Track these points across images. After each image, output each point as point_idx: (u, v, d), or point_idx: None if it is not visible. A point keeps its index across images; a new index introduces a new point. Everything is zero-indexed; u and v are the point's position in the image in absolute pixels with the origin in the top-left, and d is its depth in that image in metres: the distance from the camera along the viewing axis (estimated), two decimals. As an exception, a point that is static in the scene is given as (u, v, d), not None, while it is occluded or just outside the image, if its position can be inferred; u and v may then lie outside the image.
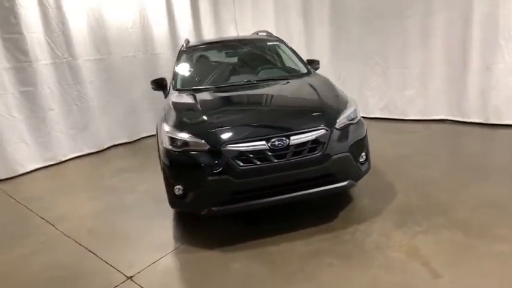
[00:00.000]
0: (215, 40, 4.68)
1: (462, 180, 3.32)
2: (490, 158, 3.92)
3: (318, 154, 2.57)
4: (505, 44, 4.36)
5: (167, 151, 2.68)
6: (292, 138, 2.53)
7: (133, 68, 6.09)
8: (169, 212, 3.32)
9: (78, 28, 5.36)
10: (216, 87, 3.45)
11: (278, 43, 4.26)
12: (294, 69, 3.86)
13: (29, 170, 5.01)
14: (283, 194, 2.58)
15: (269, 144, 2.49)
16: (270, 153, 2.50)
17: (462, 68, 4.78)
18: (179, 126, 2.72)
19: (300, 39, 6.21)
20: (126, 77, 6.02)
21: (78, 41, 5.37)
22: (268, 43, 4.27)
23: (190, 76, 3.82)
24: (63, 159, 5.37)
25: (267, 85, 3.45)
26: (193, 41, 4.48)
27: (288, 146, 2.51)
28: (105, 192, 4.11)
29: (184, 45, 4.22)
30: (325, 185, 2.65)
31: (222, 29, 7.41)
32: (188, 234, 2.94)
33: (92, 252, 2.84)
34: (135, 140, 6.24)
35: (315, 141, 2.58)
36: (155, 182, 4.11)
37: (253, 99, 3.26)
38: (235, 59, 4.11)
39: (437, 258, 2.29)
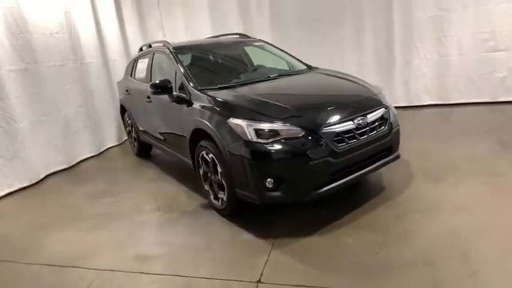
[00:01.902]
0: (204, 42, 4.45)
1: (440, 146, 4.16)
2: (436, 128, 5.01)
3: (385, 129, 2.93)
4: (419, 44, 5.70)
5: (253, 144, 2.55)
6: (368, 116, 2.81)
7: (63, 79, 5.16)
8: (219, 219, 3.09)
9: (-5, 31, 4.25)
10: (247, 83, 3.39)
11: (263, 43, 4.43)
12: (294, 65, 4.10)
13: None
14: (364, 168, 2.81)
15: (356, 124, 2.70)
16: (356, 132, 2.71)
17: (388, 64, 5.96)
18: (262, 117, 2.62)
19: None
20: (57, 90, 5.05)
21: (-4, 47, 4.25)
22: (255, 43, 4.38)
23: (205, 76, 3.60)
24: (-10, 199, 4.12)
25: (294, 78, 3.61)
26: (176, 43, 4.15)
27: (367, 124, 2.78)
28: (101, 220, 3.40)
29: (171, 48, 3.87)
30: (387, 156, 3.02)
31: (149, 36, 6.99)
32: (270, 230, 2.79)
33: (177, 275, 2.42)
34: (74, 165, 5.26)
35: (382, 118, 2.92)
36: (162, 199, 3.70)
37: (308, 88, 3.37)
38: (235, 58, 4.06)
39: (491, 194, 2.92)
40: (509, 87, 5.38)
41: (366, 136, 2.77)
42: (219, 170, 2.93)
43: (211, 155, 3.00)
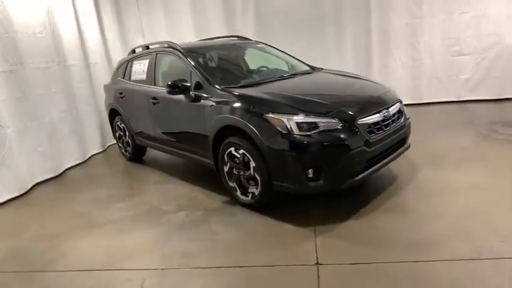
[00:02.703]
0: (206, 43, 4.46)
1: (429, 139, 4.57)
2: (418, 125, 5.23)
3: (402, 121, 3.23)
4: (395, 49, 6.26)
5: (295, 137, 2.68)
6: (390, 109, 3.08)
7: (47, 83, 4.85)
8: (248, 213, 3.16)
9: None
10: (263, 82, 3.50)
11: (264, 45, 4.59)
12: (298, 65, 4.29)
13: None
14: (387, 157, 3.07)
15: (382, 116, 2.96)
16: (383, 124, 2.97)
17: (367, 67, 6.44)
18: (301, 112, 2.76)
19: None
20: (41, 93, 4.75)
21: (-21, 46, 3.93)
22: (258, 45, 4.52)
23: (221, 75, 3.66)
24: (-23, 213, 3.77)
25: (308, 77, 3.81)
26: (180, 44, 4.14)
27: (390, 116, 3.06)
28: (122, 224, 3.28)
29: (180, 49, 3.88)
30: (402, 146, 3.32)
31: (130, 39, 6.82)
32: (306, 219, 2.92)
33: (233, 266, 2.45)
34: (61, 173, 4.95)
35: (399, 111, 3.22)
36: (180, 200, 3.66)
37: (328, 85, 3.58)
38: (242, 59, 4.16)
39: (488, 175, 3.34)
40: (472, 88, 6.10)
41: (389, 127, 3.04)
42: (252, 165, 3.01)
43: (241, 151, 3.07)
